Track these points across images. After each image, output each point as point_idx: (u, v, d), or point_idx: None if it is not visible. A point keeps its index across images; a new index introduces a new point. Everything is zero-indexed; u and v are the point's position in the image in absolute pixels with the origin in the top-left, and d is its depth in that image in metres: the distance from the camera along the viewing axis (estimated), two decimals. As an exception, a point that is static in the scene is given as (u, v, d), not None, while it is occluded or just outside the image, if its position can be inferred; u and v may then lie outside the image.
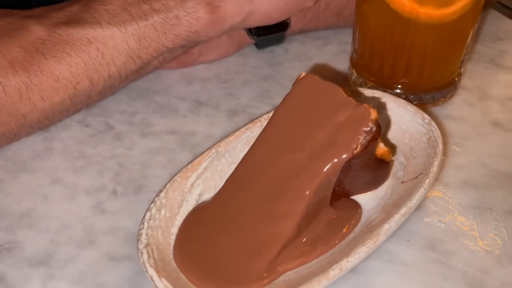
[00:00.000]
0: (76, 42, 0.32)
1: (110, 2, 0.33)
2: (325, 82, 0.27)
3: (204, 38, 0.37)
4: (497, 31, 0.45)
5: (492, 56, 0.42)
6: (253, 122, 0.31)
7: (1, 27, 0.31)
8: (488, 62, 0.42)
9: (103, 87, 0.34)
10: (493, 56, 0.42)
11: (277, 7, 0.38)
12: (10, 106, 0.31)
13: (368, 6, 0.34)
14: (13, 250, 0.28)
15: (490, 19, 0.47)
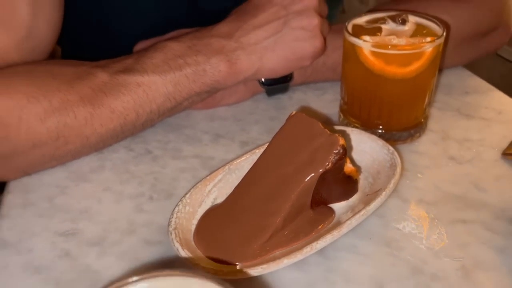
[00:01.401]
0: (128, 85, 0.43)
1: (154, 57, 0.44)
2: (308, 118, 0.37)
3: (224, 86, 0.47)
4: (464, 86, 0.55)
5: (457, 106, 0.51)
6: (257, 148, 0.41)
7: (76, 73, 0.42)
8: (454, 111, 0.51)
9: (146, 120, 0.45)
10: (458, 106, 0.52)
11: (281, 65, 0.48)
12: (78, 129, 0.41)
13: (349, 65, 0.45)
14: (76, 235, 0.38)
15: (459, 76, 0.56)
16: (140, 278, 0.21)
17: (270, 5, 0.48)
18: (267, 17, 0.47)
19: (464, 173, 0.42)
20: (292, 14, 0.48)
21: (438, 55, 0.43)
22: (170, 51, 0.44)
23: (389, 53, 0.41)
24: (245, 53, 0.46)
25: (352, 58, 0.44)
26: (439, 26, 0.43)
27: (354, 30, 0.44)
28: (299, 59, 0.49)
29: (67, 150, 0.43)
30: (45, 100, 0.40)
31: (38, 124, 0.40)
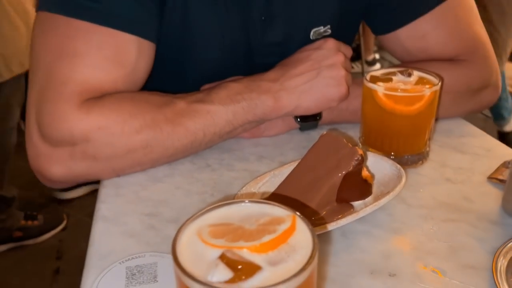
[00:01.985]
0: (200, 111, 0.57)
1: (219, 93, 0.59)
2: (336, 135, 0.50)
3: (269, 118, 0.61)
4: (461, 131, 0.68)
5: (454, 145, 0.64)
6: (294, 162, 0.53)
7: (163, 100, 0.57)
8: (451, 148, 0.63)
9: (209, 139, 0.59)
10: (455, 144, 0.64)
11: (314, 104, 0.62)
12: (161, 141, 0.55)
13: (367, 105, 0.58)
14: (157, 216, 0.50)
15: (458, 124, 0.69)
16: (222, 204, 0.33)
17: (307, 59, 0.63)
18: (304, 68, 0.62)
19: (456, 189, 0.54)
20: (324, 67, 0.62)
21: (435, 99, 0.56)
22: (232, 89, 0.59)
23: (397, 95, 0.55)
24: (286, 93, 0.60)
25: (369, 99, 0.57)
26: (436, 77, 0.57)
27: (372, 79, 0.58)
28: (328, 101, 0.63)
29: (151, 158, 0.57)
30: (141, 117, 0.54)
31: (134, 135, 0.54)
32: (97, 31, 0.55)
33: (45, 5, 0.56)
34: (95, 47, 0.55)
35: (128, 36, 0.56)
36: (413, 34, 0.69)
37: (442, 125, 0.69)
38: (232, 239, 0.30)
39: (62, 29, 0.55)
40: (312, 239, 0.29)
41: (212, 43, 0.65)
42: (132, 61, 0.57)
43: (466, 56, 0.68)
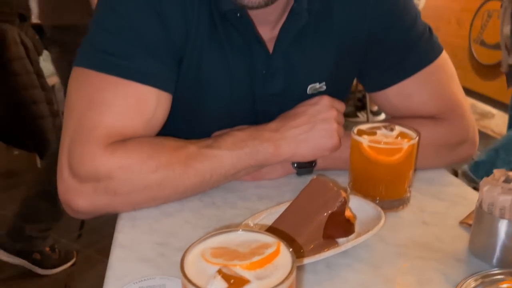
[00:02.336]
0: (208, 155, 0.65)
1: (226, 140, 0.67)
2: (324, 180, 0.58)
3: (269, 163, 0.70)
4: (442, 180, 0.75)
5: (434, 192, 0.71)
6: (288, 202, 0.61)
7: (177, 145, 0.65)
8: (431, 195, 0.71)
9: (215, 180, 0.67)
10: (434, 192, 0.71)
11: (309, 153, 0.70)
12: (174, 180, 0.64)
13: (354, 155, 0.67)
14: (168, 245, 0.58)
15: (439, 174, 0.77)
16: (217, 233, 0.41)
17: (305, 113, 0.71)
18: (302, 121, 0.71)
19: (431, 231, 0.61)
20: (318, 121, 0.70)
21: (413, 151, 0.64)
22: (237, 137, 0.68)
23: (380, 147, 0.63)
24: (286, 142, 0.69)
25: (356, 150, 0.66)
26: (415, 132, 0.65)
27: (358, 132, 0.67)
28: (322, 150, 0.71)
29: (164, 194, 0.65)
30: (157, 159, 0.63)
31: (151, 174, 0.63)
32: (123, 84, 0.65)
33: (80, 62, 0.66)
34: (121, 98, 0.65)
35: (148, 88, 0.66)
36: (400, 93, 0.78)
37: (425, 175, 0.76)
38: (228, 259, 0.38)
39: (93, 82, 0.65)
40: (292, 261, 0.37)
41: (221, 94, 0.75)
42: (152, 110, 0.66)
43: (445, 115, 0.76)
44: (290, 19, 0.72)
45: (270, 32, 0.73)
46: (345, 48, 0.77)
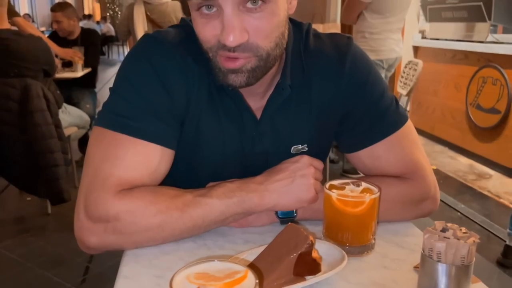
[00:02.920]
0: (201, 203, 0.77)
1: (217, 190, 0.79)
2: (297, 226, 0.70)
3: (254, 212, 0.81)
4: (406, 231, 0.86)
5: (397, 242, 0.82)
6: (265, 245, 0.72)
7: (175, 193, 0.78)
8: (394, 244, 0.81)
9: (207, 225, 0.79)
10: (398, 242, 0.82)
11: (289, 204, 0.82)
12: (171, 224, 0.75)
13: (326, 206, 0.78)
14: (165, 277, 0.69)
15: (404, 226, 0.88)
16: (197, 262, 0.52)
17: (287, 170, 0.83)
18: (283, 176, 0.82)
19: (389, 274, 0.72)
20: (298, 176, 0.82)
21: (375, 204, 0.76)
22: (227, 188, 0.80)
23: (346, 200, 0.75)
24: (269, 194, 0.81)
25: (327, 202, 0.78)
26: (377, 188, 0.77)
27: (330, 186, 0.79)
28: (300, 202, 0.82)
29: (162, 236, 0.77)
30: (158, 205, 0.75)
31: (152, 217, 0.75)
32: (133, 142, 0.78)
33: (99, 122, 0.80)
34: (131, 153, 0.78)
35: (154, 145, 0.79)
36: (371, 155, 0.91)
37: (392, 226, 0.87)
38: (207, 280, 0.49)
39: (108, 139, 0.79)
40: (255, 283, 0.48)
41: (215, 152, 0.88)
42: (156, 163, 0.79)
43: (409, 175, 0.89)
44: (276, 92, 0.86)
45: (259, 102, 0.87)
46: (323, 116, 0.90)
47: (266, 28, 0.74)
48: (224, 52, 0.75)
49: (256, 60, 0.76)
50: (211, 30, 0.74)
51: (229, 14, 0.71)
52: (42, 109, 2.39)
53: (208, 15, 0.73)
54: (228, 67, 0.76)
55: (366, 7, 2.98)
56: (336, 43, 0.91)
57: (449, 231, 0.62)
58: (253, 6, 0.72)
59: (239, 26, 0.72)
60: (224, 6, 0.71)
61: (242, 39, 0.72)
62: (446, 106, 4.26)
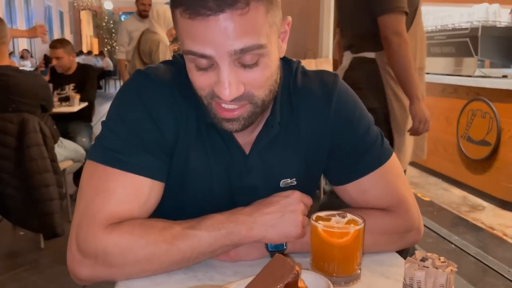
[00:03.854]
0: (190, 235, 0.79)
1: (206, 222, 0.81)
2: (283, 257, 0.72)
3: (242, 244, 0.83)
4: (390, 261, 0.88)
5: (382, 272, 0.84)
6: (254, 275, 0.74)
7: (164, 226, 0.80)
8: (380, 274, 0.83)
9: (196, 257, 0.80)
10: (383, 271, 0.84)
11: (276, 237, 0.83)
12: (160, 256, 0.77)
13: (313, 237, 0.81)
14: (163, 285, 0.70)
15: (389, 256, 0.90)
16: None
17: (277, 203, 0.85)
18: (273, 210, 0.85)
19: (374, 304, 0.74)
20: (287, 211, 0.84)
21: (360, 235, 0.78)
22: (216, 219, 0.82)
23: (332, 231, 0.78)
24: (257, 226, 0.83)
25: (314, 233, 0.80)
26: (361, 219, 0.80)
27: (316, 218, 0.81)
28: (287, 237, 0.84)
29: (151, 268, 0.79)
30: (147, 238, 0.77)
31: (140, 251, 0.77)
32: (123, 175, 0.81)
33: (91, 156, 0.84)
34: (121, 187, 0.80)
35: (144, 178, 0.82)
36: (357, 188, 0.94)
37: (378, 257, 0.89)
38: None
39: (100, 173, 0.81)
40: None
41: (203, 185, 0.90)
42: (146, 196, 0.82)
43: (394, 208, 0.92)
44: (265, 129, 0.89)
45: (248, 137, 0.90)
46: (311, 151, 0.94)
47: (261, 80, 0.77)
48: (220, 100, 0.77)
49: (251, 107, 0.80)
50: (206, 80, 0.77)
51: (225, 70, 0.73)
52: (38, 143, 2.42)
53: (205, 69, 0.75)
54: (224, 116, 0.80)
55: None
56: (323, 80, 0.95)
57: (428, 260, 0.65)
58: (247, 62, 0.74)
59: (235, 81, 0.74)
60: (221, 64, 0.73)
61: (238, 92, 0.75)
62: (438, 138, 4.33)
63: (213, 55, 0.72)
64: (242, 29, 0.71)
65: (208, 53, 0.72)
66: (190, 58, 0.76)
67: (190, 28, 0.72)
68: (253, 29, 0.72)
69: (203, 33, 0.71)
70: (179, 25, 0.74)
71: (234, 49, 0.71)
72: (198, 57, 0.74)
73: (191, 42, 0.73)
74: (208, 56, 0.73)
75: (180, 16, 0.72)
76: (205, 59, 0.74)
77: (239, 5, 0.69)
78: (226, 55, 0.72)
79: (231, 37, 0.71)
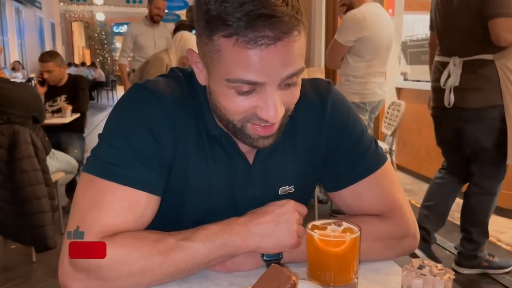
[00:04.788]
0: (184, 247, 0.78)
1: (201, 233, 0.80)
2: (279, 267, 0.71)
3: (238, 254, 0.82)
4: (388, 270, 0.87)
5: (380, 281, 0.83)
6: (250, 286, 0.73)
7: (158, 237, 0.78)
8: (377, 283, 0.83)
9: (190, 268, 0.79)
10: (380, 280, 0.83)
11: (271, 247, 0.82)
12: (154, 269, 0.76)
13: (308, 246, 0.80)
14: None
15: (386, 264, 0.89)
16: None
17: (272, 213, 0.84)
18: (268, 219, 0.84)
19: (371, 313, 0.73)
20: (282, 221, 0.83)
21: (356, 243, 0.77)
22: (210, 230, 0.81)
23: (328, 240, 0.77)
24: (252, 236, 0.82)
25: (310, 242, 0.79)
26: (357, 227, 0.79)
27: (312, 227, 0.80)
28: (282, 246, 0.83)
29: (145, 281, 0.77)
30: (140, 250, 0.76)
31: (134, 263, 0.76)
32: (119, 189, 0.80)
33: (87, 169, 0.82)
34: (117, 200, 0.79)
35: (140, 192, 0.81)
36: (352, 194, 0.93)
37: (375, 265, 0.89)
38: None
39: (95, 186, 0.80)
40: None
41: (203, 198, 0.89)
42: (141, 210, 0.81)
43: (388, 214, 0.91)
44: None
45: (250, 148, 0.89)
46: (308, 158, 0.94)
47: (296, 97, 0.81)
48: (260, 122, 0.79)
49: (284, 120, 0.82)
50: (248, 105, 0.77)
51: (273, 95, 0.75)
52: (29, 155, 2.40)
53: (247, 93, 0.76)
54: (264, 134, 0.81)
55: (348, 51, 3.08)
56: (317, 88, 0.95)
57: (425, 268, 0.64)
58: (289, 84, 0.77)
59: (280, 103, 0.76)
60: (269, 89, 0.74)
61: (282, 113, 0.78)
62: (430, 145, 4.33)
63: (266, 81, 0.73)
64: (294, 56, 0.73)
65: (261, 80, 0.73)
66: (234, 85, 0.75)
67: (244, 57, 0.71)
68: (301, 54, 0.75)
69: (259, 62, 0.71)
70: (227, 52, 0.72)
71: (286, 75, 0.74)
72: (248, 84, 0.74)
73: (243, 71, 0.72)
74: (260, 83, 0.74)
75: (233, 46, 0.71)
76: (255, 86, 0.74)
77: (294, 32, 0.71)
78: (278, 81, 0.74)
79: (285, 64, 0.73)
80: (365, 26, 2.97)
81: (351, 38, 3.00)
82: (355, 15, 3.00)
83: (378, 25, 3.04)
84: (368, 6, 3.06)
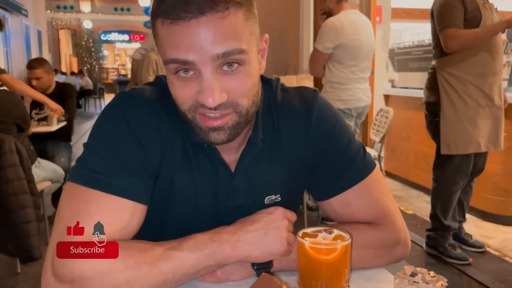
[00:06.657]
0: (171, 256, 0.76)
1: (188, 243, 0.78)
2: (270, 276, 0.69)
3: (226, 263, 0.80)
4: (379, 276, 0.86)
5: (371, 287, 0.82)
6: (242, 295, 0.72)
7: (145, 247, 0.76)
8: None
9: (178, 278, 0.77)
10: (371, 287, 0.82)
11: (261, 255, 0.81)
12: (140, 279, 0.74)
13: (300, 254, 0.78)
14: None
15: (378, 272, 0.88)
16: None
17: (261, 220, 0.83)
18: (257, 227, 0.83)
19: (363, 322, 0.71)
20: (271, 228, 0.82)
21: (347, 250, 0.76)
22: (198, 239, 0.79)
23: (318, 247, 0.76)
24: (241, 245, 0.80)
25: (301, 250, 0.78)
26: (348, 235, 0.78)
27: (303, 234, 0.79)
28: (272, 254, 0.82)
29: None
30: (126, 260, 0.74)
31: (120, 274, 0.73)
32: (104, 197, 0.78)
33: (72, 178, 0.80)
34: (102, 208, 0.77)
35: (126, 201, 0.79)
36: (341, 202, 0.92)
37: (366, 273, 0.88)
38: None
39: (80, 195, 0.78)
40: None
41: (188, 207, 0.88)
42: (127, 219, 0.79)
43: (379, 221, 0.90)
44: (248, 146, 0.88)
45: (233, 156, 0.89)
46: (294, 167, 0.93)
47: (244, 88, 0.78)
48: (204, 110, 0.77)
49: (236, 117, 0.79)
50: (189, 92, 0.76)
51: (208, 77, 0.74)
52: (14, 164, 2.35)
53: (186, 78, 0.76)
54: (210, 125, 0.78)
55: (329, 58, 3.09)
56: (303, 96, 0.94)
57: (418, 275, 0.63)
58: (229, 69, 0.75)
59: (218, 88, 0.74)
60: (203, 70, 0.74)
61: (222, 99, 0.75)
62: (419, 151, 4.37)
63: (196, 60, 0.72)
64: (223, 33, 0.72)
65: (191, 58, 0.72)
66: (172, 68, 0.75)
67: (172, 35, 0.72)
68: (234, 34, 0.73)
69: (185, 38, 0.72)
70: (161, 36, 0.75)
71: (216, 53, 0.72)
72: (181, 65, 0.74)
73: (173, 50, 0.73)
74: (190, 62, 0.73)
75: (161, 25, 0.73)
76: (187, 66, 0.74)
77: (219, 8, 0.71)
78: (209, 60, 0.72)
79: (213, 41, 0.71)
80: (342, 33, 2.99)
81: (329, 45, 3.02)
82: (332, 23, 3.03)
83: (357, 32, 3.06)
84: (346, 13, 3.09)
